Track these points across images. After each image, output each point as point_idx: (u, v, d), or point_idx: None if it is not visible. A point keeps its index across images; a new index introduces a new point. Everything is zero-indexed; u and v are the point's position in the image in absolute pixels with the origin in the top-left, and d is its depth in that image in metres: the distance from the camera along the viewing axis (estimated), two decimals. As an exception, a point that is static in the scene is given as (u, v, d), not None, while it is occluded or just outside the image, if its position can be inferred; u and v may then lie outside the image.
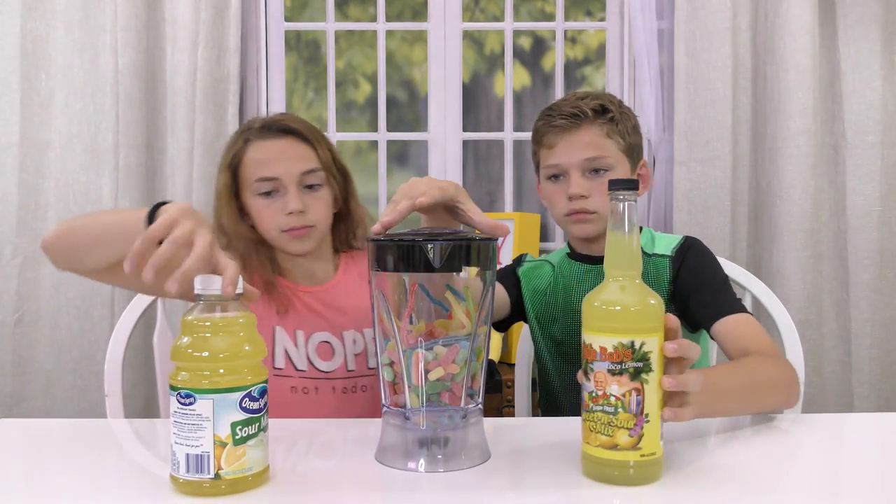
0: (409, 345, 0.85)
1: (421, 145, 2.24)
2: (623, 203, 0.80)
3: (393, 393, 0.87)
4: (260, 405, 0.78)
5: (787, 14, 1.95)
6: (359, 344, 1.30)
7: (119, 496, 0.81)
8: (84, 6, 1.96)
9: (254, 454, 0.78)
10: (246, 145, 1.28)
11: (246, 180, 1.27)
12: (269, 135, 1.27)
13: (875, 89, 2.01)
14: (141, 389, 1.96)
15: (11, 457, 0.97)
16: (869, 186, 2.01)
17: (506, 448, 0.93)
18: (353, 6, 2.34)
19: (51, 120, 1.97)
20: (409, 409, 0.85)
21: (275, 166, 1.25)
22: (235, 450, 0.76)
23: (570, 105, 1.27)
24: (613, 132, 1.26)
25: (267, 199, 1.25)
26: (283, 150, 1.26)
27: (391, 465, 0.86)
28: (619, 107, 1.29)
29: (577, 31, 2.32)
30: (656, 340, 0.78)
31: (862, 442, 1.01)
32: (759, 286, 1.44)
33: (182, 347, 0.76)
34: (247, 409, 0.76)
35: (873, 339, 2.01)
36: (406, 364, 0.84)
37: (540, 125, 1.30)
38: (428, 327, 0.85)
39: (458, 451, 0.86)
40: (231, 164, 1.28)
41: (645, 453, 0.78)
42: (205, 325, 0.77)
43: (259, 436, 0.78)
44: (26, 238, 1.97)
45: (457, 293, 0.86)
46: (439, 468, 0.84)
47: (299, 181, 1.25)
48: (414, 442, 0.85)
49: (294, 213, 1.23)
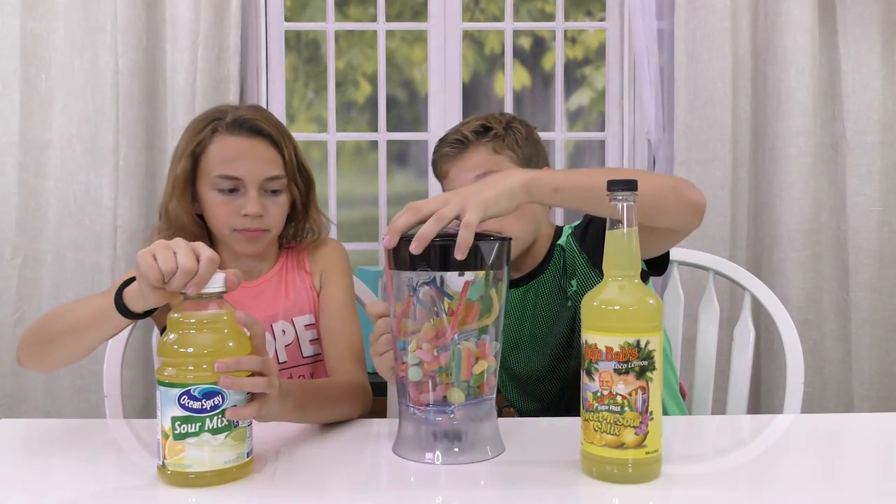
0: (452, 342, 0.87)
1: (421, 145, 2.24)
2: (621, 203, 0.80)
3: (419, 392, 0.88)
4: (202, 405, 0.79)
5: (787, 14, 1.95)
6: (289, 334, 1.30)
7: (119, 496, 0.81)
8: (84, 6, 1.96)
9: (194, 453, 0.79)
10: (212, 136, 1.24)
11: (206, 171, 1.24)
12: (238, 131, 1.24)
13: (875, 89, 2.01)
14: (140, 389, 1.96)
15: (11, 457, 0.97)
16: (869, 186, 2.01)
17: (507, 447, 0.93)
18: (353, 6, 2.34)
19: (51, 120, 1.97)
20: (450, 406, 0.87)
21: (239, 166, 1.22)
22: (175, 444, 0.79)
23: (454, 132, 1.29)
24: (501, 147, 1.26)
25: (225, 196, 1.23)
26: (250, 150, 1.24)
27: (409, 458, 0.88)
28: (508, 123, 1.29)
29: (577, 31, 2.32)
30: (658, 339, 0.79)
31: (862, 442, 1.01)
32: (759, 286, 1.45)
33: (162, 342, 0.82)
34: (185, 407, 0.78)
35: (873, 339, 2.01)
36: (456, 360, 0.86)
37: (434, 156, 1.33)
38: (465, 322, 0.87)
39: (478, 443, 0.89)
40: (194, 152, 1.24)
41: (650, 451, 0.79)
42: (188, 321, 0.82)
43: (202, 436, 0.79)
44: (26, 238, 1.96)
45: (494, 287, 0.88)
46: (457, 460, 0.87)
47: (261, 185, 1.23)
48: (430, 435, 0.88)
49: (251, 215, 1.22)
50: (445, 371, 0.87)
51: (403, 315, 0.88)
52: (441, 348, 0.86)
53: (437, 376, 0.87)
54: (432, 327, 0.86)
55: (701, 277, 1.54)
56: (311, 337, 1.31)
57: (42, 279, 1.97)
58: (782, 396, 1.38)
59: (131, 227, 1.94)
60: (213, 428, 0.79)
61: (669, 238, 1.13)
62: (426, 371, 0.87)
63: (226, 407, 0.80)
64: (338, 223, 2.18)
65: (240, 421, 0.81)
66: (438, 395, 0.87)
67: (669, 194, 1.04)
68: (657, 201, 1.02)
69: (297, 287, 1.33)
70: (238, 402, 0.81)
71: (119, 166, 1.95)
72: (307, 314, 1.32)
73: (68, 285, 1.96)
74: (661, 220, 1.03)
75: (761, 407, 2.01)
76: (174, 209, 1.25)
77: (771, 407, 1.98)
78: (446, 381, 0.87)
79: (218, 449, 0.80)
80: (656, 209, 1.01)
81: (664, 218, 1.04)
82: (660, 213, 1.02)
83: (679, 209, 1.04)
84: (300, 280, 1.34)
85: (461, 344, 0.87)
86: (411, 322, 0.88)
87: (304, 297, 1.32)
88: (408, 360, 0.88)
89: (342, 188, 2.21)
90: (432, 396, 0.88)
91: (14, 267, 1.96)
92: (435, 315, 0.86)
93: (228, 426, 0.80)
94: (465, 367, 0.87)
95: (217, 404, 0.79)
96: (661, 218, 1.03)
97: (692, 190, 1.05)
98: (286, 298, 1.31)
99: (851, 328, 2.02)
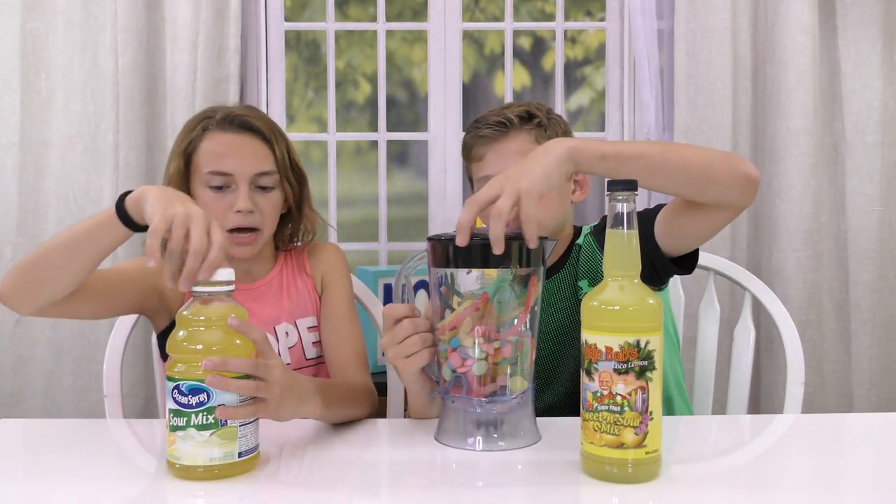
0: (521, 334, 0.92)
1: (421, 145, 2.24)
2: (621, 203, 0.81)
3: (481, 385, 0.91)
4: (189, 401, 0.80)
5: (787, 14, 1.95)
6: (292, 336, 1.29)
7: (118, 496, 0.81)
8: (84, 6, 1.96)
9: (181, 446, 0.81)
10: (203, 134, 1.25)
11: (198, 170, 1.24)
12: (228, 128, 1.24)
13: (875, 89, 2.01)
14: (140, 389, 1.96)
15: (11, 457, 0.97)
16: (869, 186, 2.01)
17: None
18: (353, 6, 2.34)
19: (51, 120, 1.97)
20: (513, 394, 0.92)
21: (229, 162, 1.22)
22: (169, 435, 0.82)
23: (495, 115, 1.25)
24: (542, 137, 1.22)
25: (216, 193, 1.22)
26: (240, 146, 1.23)
27: (450, 445, 0.93)
28: (548, 113, 1.27)
29: (577, 31, 2.32)
30: (658, 339, 0.79)
31: (862, 442, 1.01)
32: (759, 286, 1.45)
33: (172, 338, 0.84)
34: (176, 401, 0.81)
35: (873, 339, 2.01)
36: (524, 350, 0.92)
37: (467, 139, 1.29)
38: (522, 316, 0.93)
39: (514, 431, 0.93)
40: (185, 151, 1.25)
41: (650, 450, 0.79)
42: (196, 319, 0.84)
43: (188, 430, 0.80)
44: (26, 238, 1.96)
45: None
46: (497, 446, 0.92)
47: (252, 181, 1.23)
48: (474, 423, 0.92)
49: (242, 211, 1.21)
50: (509, 361, 0.92)
51: (470, 312, 0.91)
52: (502, 341, 0.91)
53: (499, 367, 0.92)
54: (486, 321, 0.90)
55: (701, 277, 1.54)
56: (314, 339, 1.31)
57: (42, 279, 1.97)
58: (782, 396, 1.38)
59: (131, 228, 1.94)
60: (199, 424, 0.81)
61: (718, 218, 1.08)
62: (490, 363, 0.91)
63: (212, 405, 0.81)
64: (338, 223, 2.18)
65: (230, 420, 0.82)
66: (499, 385, 0.92)
67: (720, 164, 1.02)
68: (708, 170, 1.00)
69: (298, 289, 1.33)
70: (228, 401, 0.81)
71: (119, 166, 1.95)
72: (310, 316, 1.32)
73: (68, 285, 1.96)
74: (711, 193, 1.01)
75: (761, 407, 2.01)
76: None
77: (771, 407, 1.98)
78: (508, 371, 0.92)
79: (203, 445, 0.81)
80: (707, 179, 1.00)
81: (714, 190, 1.01)
82: (710, 184, 1.00)
83: (731, 180, 1.01)
84: (301, 282, 1.33)
85: (533, 335, 0.93)
86: (474, 319, 0.91)
87: (307, 299, 1.32)
88: (472, 354, 0.91)
89: (342, 188, 2.21)
90: (493, 387, 0.92)
91: (14, 267, 1.96)
92: (525, 311, 0.91)
93: (215, 424, 0.81)
94: (530, 355, 0.93)
95: (202, 401, 0.80)
96: (712, 190, 1.01)
97: (744, 162, 1.03)
98: (288, 301, 1.31)
99: (851, 328, 2.02)
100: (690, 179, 1.01)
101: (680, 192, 1.06)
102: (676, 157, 1.02)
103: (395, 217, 2.20)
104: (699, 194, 1.01)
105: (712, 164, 1.01)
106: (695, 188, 1.02)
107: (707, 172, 1.00)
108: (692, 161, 0.97)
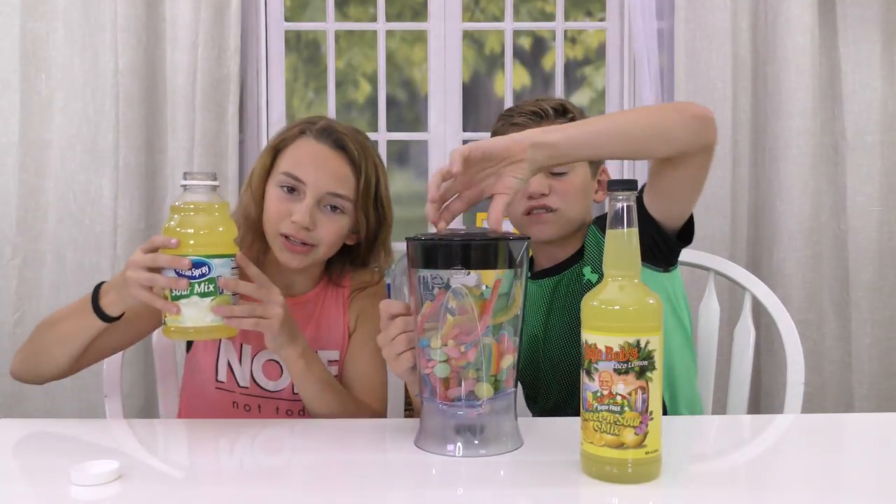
0: (479, 338, 0.89)
1: (421, 145, 2.24)
2: (622, 203, 0.81)
3: (446, 388, 0.90)
4: (193, 273, 0.96)
5: (787, 14, 1.95)
6: None
7: (119, 496, 0.81)
8: (84, 6, 1.96)
9: (186, 311, 0.97)
10: (298, 136, 1.23)
11: (278, 168, 1.22)
12: (321, 138, 1.21)
13: (875, 89, 2.01)
14: (141, 389, 1.96)
15: (11, 457, 0.97)
16: (869, 186, 2.01)
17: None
18: (353, 6, 2.34)
19: (51, 120, 1.97)
20: (478, 400, 0.89)
21: (306, 171, 1.19)
22: (170, 305, 0.97)
23: (530, 105, 1.26)
24: None
25: (283, 194, 1.20)
26: (324, 159, 1.20)
27: (431, 451, 0.91)
28: (581, 112, 1.29)
29: (577, 31, 2.32)
30: (658, 339, 0.79)
31: (862, 442, 1.01)
32: (760, 286, 1.44)
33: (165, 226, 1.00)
34: (180, 273, 0.96)
35: (873, 339, 2.01)
36: (486, 355, 0.89)
37: (499, 126, 1.29)
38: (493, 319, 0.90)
39: (495, 437, 0.91)
40: (276, 147, 1.24)
41: (650, 450, 0.79)
42: (186, 207, 0.99)
43: (192, 298, 0.96)
44: (26, 238, 1.96)
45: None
46: (477, 453, 0.90)
47: (322, 198, 1.19)
48: (452, 428, 0.91)
49: (297, 223, 1.17)
50: (474, 366, 0.89)
51: (431, 313, 0.89)
52: (468, 344, 0.88)
53: (463, 372, 0.89)
54: (456, 324, 0.88)
55: (701, 277, 1.54)
56: (333, 373, 1.25)
57: (42, 279, 1.98)
58: (782, 396, 1.38)
59: (131, 227, 1.94)
60: (201, 292, 0.96)
61: (692, 165, 1.07)
62: (454, 367, 0.89)
63: (213, 276, 0.96)
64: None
65: (225, 290, 0.98)
66: (466, 391, 0.89)
67: (671, 114, 1.04)
68: (662, 123, 1.02)
69: (330, 321, 1.28)
70: (225, 274, 0.98)
71: (119, 166, 1.95)
72: (334, 350, 1.27)
73: (68, 285, 1.96)
74: (672, 144, 1.03)
75: (761, 407, 2.01)
76: (247, 200, 1.24)
77: (771, 407, 1.98)
78: (473, 376, 0.89)
79: (205, 310, 0.97)
80: (664, 132, 1.02)
81: (674, 139, 1.02)
82: (668, 136, 1.02)
83: (685, 125, 1.03)
84: (336, 315, 1.29)
85: (485, 340, 0.89)
86: (437, 320, 0.89)
87: (338, 334, 1.28)
88: (435, 357, 0.89)
89: (342, 188, 2.21)
90: (459, 391, 0.89)
91: (14, 267, 1.96)
92: (463, 312, 0.88)
93: (214, 292, 0.97)
94: (495, 362, 0.89)
95: (204, 273, 0.96)
96: (671, 140, 1.02)
97: (693, 105, 1.06)
98: (316, 328, 1.27)
99: (851, 328, 2.01)
100: (647, 137, 1.02)
101: (641, 152, 1.07)
102: (626, 121, 1.04)
103: (395, 217, 2.19)
104: (662, 148, 1.03)
105: (663, 116, 1.04)
106: (654, 144, 1.03)
107: (661, 126, 1.02)
108: (643, 121, 0.99)
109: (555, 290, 1.29)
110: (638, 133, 1.02)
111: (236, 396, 1.24)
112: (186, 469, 0.92)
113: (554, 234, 1.26)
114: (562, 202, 1.23)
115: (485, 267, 0.87)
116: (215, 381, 1.25)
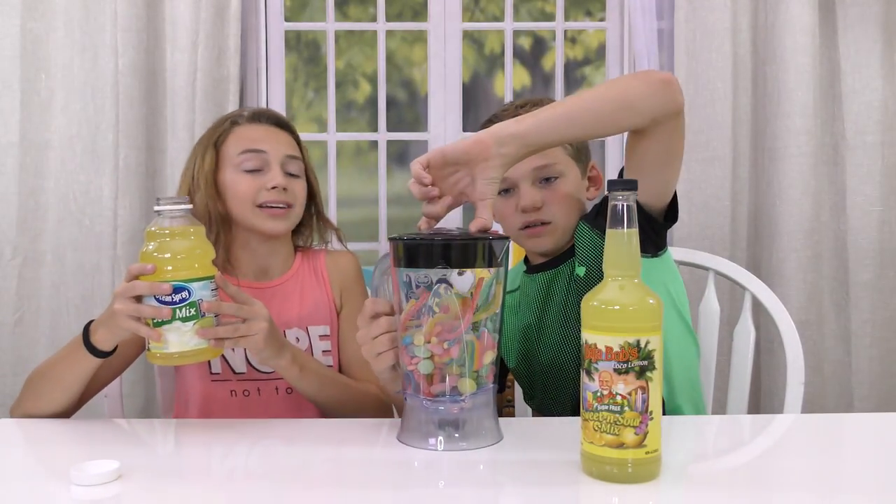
0: (461, 335, 0.91)
1: (421, 145, 2.24)
2: (621, 203, 0.81)
3: (429, 384, 0.91)
4: (173, 299, 0.95)
5: (787, 14, 1.95)
6: (302, 342, 1.29)
7: (119, 496, 0.81)
8: (84, 6, 1.96)
9: (170, 337, 0.96)
10: (232, 127, 1.31)
11: (228, 156, 1.28)
12: (258, 121, 1.32)
13: (875, 89, 2.00)
14: (140, 389, 1.96)
15: (11, 457, 0.97)
16: (869, 186, 2.01)
17: (506, 447, 0.93)
18: (353, 6, 2.34)
19: (51, 120, 1.97)
20: (461, 396, 0.91)
21: (263, 143, 1.28)
22: (153, 332, 0.97)
23: (510, 114, 1.23)
24: None
25: (249, 174, 1.27)
26: (272, 133, 1.31)
27: (413, 445, 0.93)
28: None
29: (577, 31, 2.32)
30: (658, 338, 0.79)
31: (862, 442, 1.01)
32: (759, 286, 1.45)
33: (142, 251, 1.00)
34: (161, 301, 0.96)
35: (873, 339, 2.01)
36: (469, 351, 0.91)
37: (500, 113, 1.27)
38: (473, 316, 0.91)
39: (476, 431, 0.93)
40: (215, 143, 1.29)
41: (650, 450, 0.79)
42: (163, 232, 0.99)
43: (173, 323, 0.95)
44: (26, 238, 1.96)
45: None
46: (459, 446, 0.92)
47: (283, 163, 1.28)
48: (434, 423, 0.92)
49: (277, 187, 1.25)
50: (457, 363, 0.90)
51: (416, 311, 0.90)
52: (451, 341, 0.89)
53: (447, 368, 0.90)
54: (438, 322, 0.89)
55: (701, 277, 1.54)
56: (325, 347, 1.30)
57: (42, 279, 1.97)
58: (782, 396, 1.38)
59: (131, 227, 1.94)
60: (183, 317, 0.96)
61: (664, 132, 1.08)
62: (437, 364, 0.90)
63: (193, 300, 0.96)
64: (338, 223, 2.17)
65: (206, 313, 0.98)
66: (449, 386, 0.91)
67: (634, 83, 1.04)
68: (626, 94, 1.02)
69: (314, 295, 1.32)
70: (206, 297, 0.98)
71: (119, 166, 1.95)
72: (324, 325, 1.31)
73: (68, 285, 1.96)
74: (641, 113, 1.02)
75: (761, 407, 2.01)
76: (203, 200, 1.26)
77: (771, 407, 1.98)
78: (456, 372, 0.91)
79: (187, 334, 0.96)
80: (632, 103, 1.01)
81: (642, 108, 1.02)
82: (636, 105, 1.02)
83: (651, 92, 1.02)
84: (318, 289, 1.33)
85: (466, 337, 0.90)
86: (420, 318, 0.90)
87: (323, 307, 1.32)
88: (419, 353, 0.90)
89: (342, 188, 2.21)
90: (442, 387, 0.91)
91: (14, 267, 1.96)
92: (446, 310, 0.89)
93: (196, 316, 0.97)
94: (477, 358, 0.91)
95: (185, 298, 0.96)
96: (642, 109, 1.02)
97: (654, 72, 1.07)
98: (301, 306, 1.30)
99: (851, 328, 2.01)
100: (615, 111, 1.02)
101: (612, 126, 1.06)
102: (591, 97, 1.03)
103: (395, 217, 2.20)
104: (632, 119, 1.02)
105: (627, 86, 1.04)
106: (623, 116, 1.02)
107: (627, 97, 1.02)
108: (608, 94, 0.99)
109: (550, 285, 1.29)
110: (605, 107, 1.01)
111: (233, 384, 1.25)
112: (186, 469, 0.93)
113: (552, 246, 1.25)
114: (556, 213, 1.23)
115: (466, 266, 0.89)
116: (209, 374, 1.26)
